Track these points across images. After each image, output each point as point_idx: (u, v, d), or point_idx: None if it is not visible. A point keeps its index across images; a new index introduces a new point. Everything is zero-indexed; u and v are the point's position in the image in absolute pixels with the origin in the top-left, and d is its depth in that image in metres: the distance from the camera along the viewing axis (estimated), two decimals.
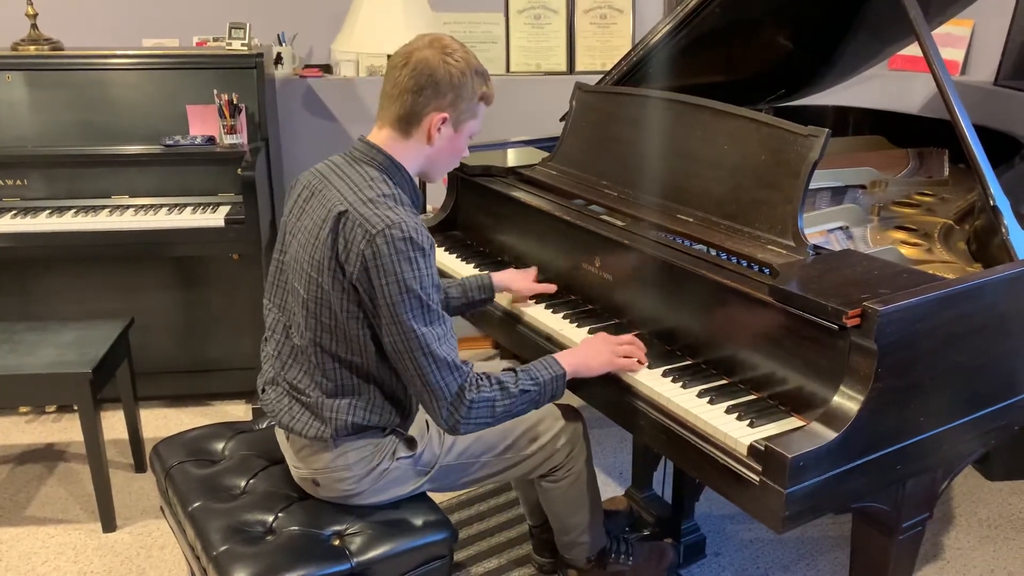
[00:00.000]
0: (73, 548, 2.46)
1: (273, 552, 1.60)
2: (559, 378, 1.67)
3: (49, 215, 2.80)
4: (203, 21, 3.39)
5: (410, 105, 1.60)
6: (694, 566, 2.36)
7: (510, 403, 1.61)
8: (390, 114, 1.62)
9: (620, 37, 3.58)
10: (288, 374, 1.70)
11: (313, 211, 1.62)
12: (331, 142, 3.44)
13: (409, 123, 1.62)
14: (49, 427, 3.09)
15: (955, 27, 3.46)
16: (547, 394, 1.66)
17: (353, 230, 1.52)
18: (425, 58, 1.58)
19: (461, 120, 1.65)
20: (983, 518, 2.59)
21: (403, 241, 1.50)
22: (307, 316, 1.61)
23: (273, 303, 1.74)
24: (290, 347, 1.69)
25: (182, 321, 3.17)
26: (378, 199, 1.55)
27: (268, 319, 1.76)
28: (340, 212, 1.54)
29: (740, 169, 1.80)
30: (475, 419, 1.58)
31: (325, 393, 1.65)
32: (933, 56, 1.74)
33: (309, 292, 1.60)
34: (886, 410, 1.41)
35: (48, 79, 2.90)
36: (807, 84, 2.85)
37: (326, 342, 1.61)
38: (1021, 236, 1.65)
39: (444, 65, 1.58)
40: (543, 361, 1.68)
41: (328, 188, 1.61)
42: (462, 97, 1.61)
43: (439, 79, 1.58)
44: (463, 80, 1.60)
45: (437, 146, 1.64)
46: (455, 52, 1.60)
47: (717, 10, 2.20)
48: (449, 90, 1.59)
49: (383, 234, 1.49)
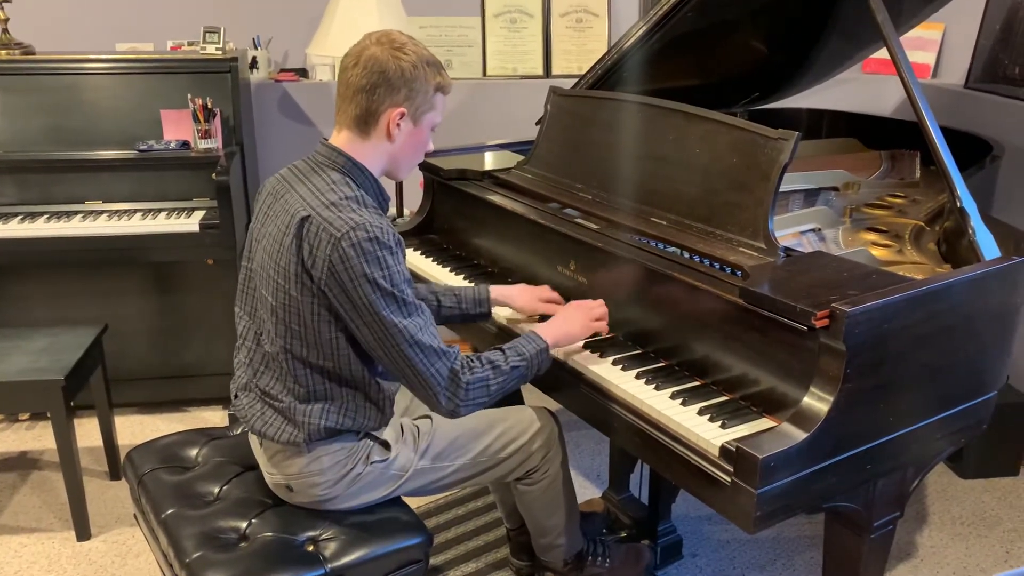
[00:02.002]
0: (47, 557, 2.43)
1: (246, 559, 1.59)
2: (543, 351, 1.69)
3: (21, 221, 2.77)
4: (178, 25, 3.37)
5: (365, 104, 1.59)
6: (671, 567, 2.36)
7: (503, 380, 1.63)
8: (347, 116, 1.62)
9: (596, 41, 3.59)
10: (260, 380, 1.69)
11: (276, 217, 1.61)
12: (307, 146, 3.37)
13: (366, 123, 1.61)
14: (22, 435, 3.06)
15: (926, 31, 3.51)
16: (534, 367, 1.69)
17: (317, 235, 1.51)
18: (374, 55, 1.57)
19: (419, 113, 1.64)
20: (956, 516, 2.62)
21: (369, 242, 1.50)
22: (276, 323, 1.61)
23: (243, 310, 1.74)
24: (261, 354, 1.69)
25: (157, 327, 3.14)
26: (340, 202, 1.55)
27: (239, 326, 1.75)
28: (303, 217, 1.54)
29: (712, 172, 1.81)
30: (473, 400, 1.60)
31: (297, 398, 1.64)
32: (900, 59, 1.76)
33: (277, 299, 1.59)
34: (856, 410, 1.42)
35: (20, 84, 2.88)
36: (781, 87, 2.87)
37: (296, 348, 1.61)
38: (988, 237, 1.67)
39: (394, 60, 1.57)
40: (526, 336, 1.71)
41: (290, 193, 1.61)
42: (416, 90, 1.60)
43: (390, 75, 1.57)
44: (415, 73, 1.59)
45: (398, 142, 1.64)
46: (404, 46, 1.59)
47: (690, 14, 2.21)
48: (402, 85, 1.58)
49: (348, 237, 1.49)
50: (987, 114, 3.08)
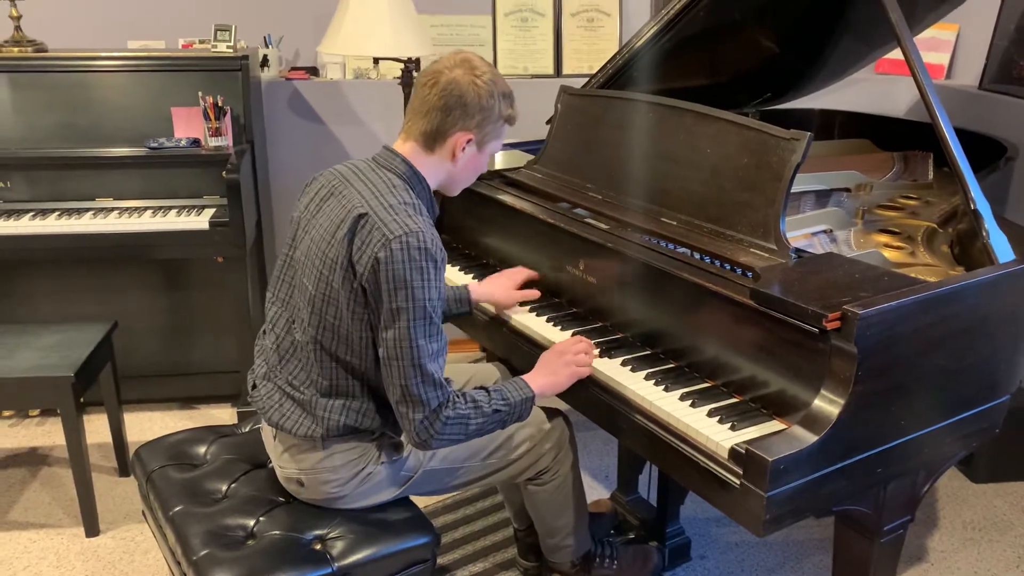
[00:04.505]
0: (55, 553, 2.44)
1: (253, 557, 1.59)
2: (528, 400, 1.70)
3: (32, 217, 2.78)
4: (190, 23, 3.37)
5: (438, 124, 1.62)
6: (679, 569, 2.35)
7: (482, 422, 1.63)
8: (416, 129, 1.65)
9: (607, 40, 3.58)
10: (284, 369, 1.70)
11: (331, 210, 1.62)
12: (317, 144, 3.43)
13: (435, 140, 1.64)
14: (33, 431, 3.07)
15: (940, 31, 3.48)
16: (515, 415, 1.69)
17: (371, 233, 1.53)
18: (455, 79, 1.60)
19: (485, 141, 1.68)
20: (967, 520, 2.60)
21: (418, 250, 1.51)
22: (311, 313, 1.61)
23: (277, 297, 1.74)
24: (290, 342, 1.69)
25: (167, 324, 3.15)
26: (399, 206, 1.56)
27: (270, 313, 1.76)
28: (360, 214, 1.55)
29: (723, 172, 1.80)
30: (448, 435, 1.60)
31: (320, 392, 1.65)
32: (914, 59, 1.74)
33: (318, 289, 1.60)
34: (867, 413, 1.41)
35: (32, 81, 2.88)
36: (793, 87, 2.86)
37: (327, 341, 1.61)
38: (1002, 239, 1.65)
39: (473, 88, 1.61)
40: (515, 382, 1.71)
41: (349, 189, 1.62)
42: (488, 119, 1.65)
43: (468, 101, 1.61)
44: (491, 103, 1.63)
45: (460, 164, 1.68)
46: (484, 75, 1.63)
47: (702, 13, 2.20)
48: (477, 112, 1.62)
49: (400, 240, 1.50)
50: (1002, 115, 3.05)
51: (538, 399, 1.72)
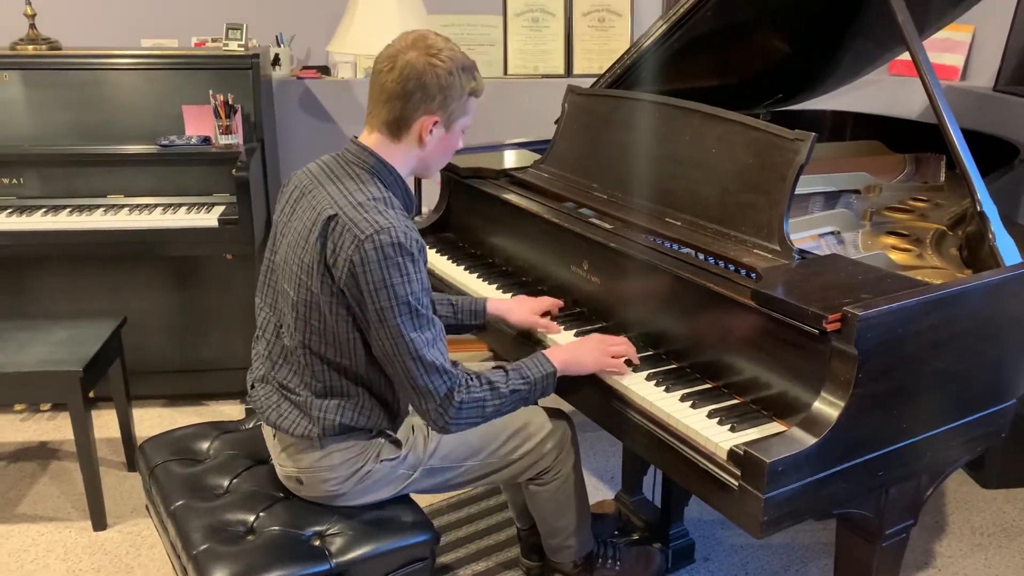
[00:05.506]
0: (63, 546, 2.46)
1: (253, 552, 1.60)
2: (550, 376, 1.67)
3: (44, 214, 2.80)
4: (203, 22, 3.40)
5: (399, 111, 1.58)
6: (683, 571, 2.34)
7: (500, 403, 1.62)
8: (378, 119, 1.61)
9: (618, 40, 3.57)
10: (278, 373, 1.70)
11: (303, 213, 1.61)
12: (328, 143, 3.43)
13: (399, 128, 1.60)
14: (43, 425, 3.09)
15: (955, 32, 3.45)
16: (537, 391, 1.67)
17: (342, 235, 1.51)
18: (410, 62, 1.55)
19: (452, 119, 1.63)
20: (976, 526, 2.57)
21: (392, 247, 1.49)
22: (296, 318, 1.61)
23: (264, 302, 1.74)
24: (280, 347, 1.69)
25: (176, 321, 3.17)
26: (368, 203, 1.54)
27: (259, 318, 1.76)
28: (329, 216, 1.53)
29: (727, 173, 1.79)
30: (465, 419, 1.59)
31: (314, 393, 1.64)
32: (921, 60, 1.73)
33: (299, 294, 1.59)
34: (867, 415, 1.40)
35: (45, 79, 2.91)
36: (805, 89, 2.84)
37: (315, 344, 1.61)
38: (1008, 242, 1.64)
39: (431, 67, 1.55)
40: (535, 358, 1.68)
41: (318, 189, 1.60)
42: (451, 98, 1.59)
43: (427, 82, 1.56)
44: (451, 80, 1.57)
45: (429, 148, 1.63)
46: (441, 51, 1.57)
47: (709, 13, 2.19)
48: (438, 92, 1.57)
49: (372, 239, 1.49)
50: (1017, 117, 3.01)
51: (560, 374, 1.68)
